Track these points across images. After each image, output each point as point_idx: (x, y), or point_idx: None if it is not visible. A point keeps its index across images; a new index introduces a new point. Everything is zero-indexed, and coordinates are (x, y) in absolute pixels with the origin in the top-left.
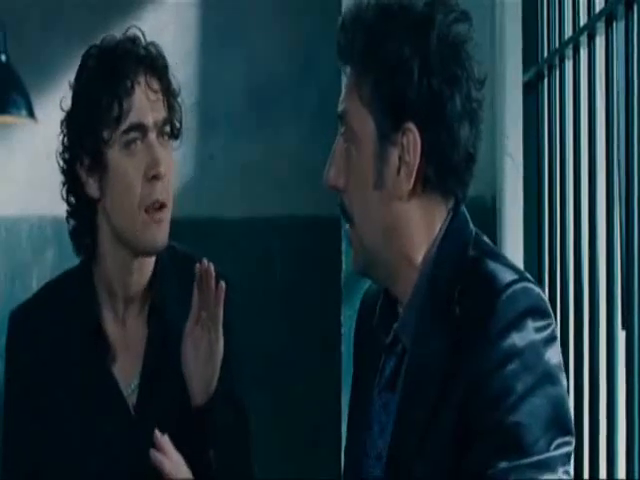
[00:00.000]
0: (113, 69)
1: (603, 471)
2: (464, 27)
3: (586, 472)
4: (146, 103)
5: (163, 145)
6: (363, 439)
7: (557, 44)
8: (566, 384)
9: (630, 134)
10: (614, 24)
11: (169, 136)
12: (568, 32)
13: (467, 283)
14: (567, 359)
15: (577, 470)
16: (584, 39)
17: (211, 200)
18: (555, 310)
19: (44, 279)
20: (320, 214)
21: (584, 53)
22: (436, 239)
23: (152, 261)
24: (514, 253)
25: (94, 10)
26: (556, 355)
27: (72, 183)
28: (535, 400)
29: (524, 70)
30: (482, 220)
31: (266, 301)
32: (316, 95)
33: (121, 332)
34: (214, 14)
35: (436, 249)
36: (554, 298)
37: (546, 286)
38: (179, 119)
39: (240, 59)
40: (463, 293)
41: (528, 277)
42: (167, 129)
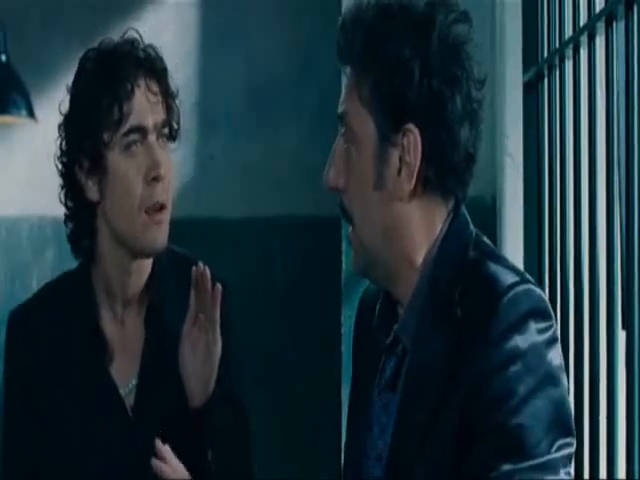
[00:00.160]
0: (112, 72)
1: (603, 471)
2: (464, 28)
3: (586, 472)
4: (146, 105)
5: (162, 147)
6: (363, 440)
7: (557, 44)
8: (567, 385)
9: (630, 134)
10: (614, 24)
11: (168, 138)
12: (568, 32)
13: (468, 285)
14: (567, 359)
15: (577, 470)
16: (584, 39)
17: (211, 200)
18: (555, 311)
19: (44, 279)
20: (320, 214)
21: (584, 53)
22: (436, 240)
23: (150, 262)
24: (514, 253)
25: (94, 10)
26: (557, 356)
27: (71, 186)
28: (537, 402)
29: (524, 70)
30: (482, 220)
31: (266, 301)
32: (316, 95)
33: (119, 332)
34: (214, 14)
35: (436, 250)
36: (554, 298)
37: (546, 286)
38: (177, 121)
39: (240, 59)
40: (464, 295)
41: (529, 279)
42: (166, 131)
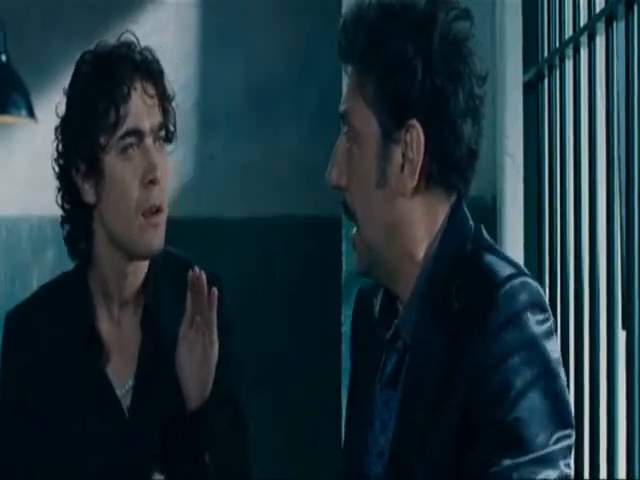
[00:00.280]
0: (109, 74)
1: (603, 471)
2: (465, 24)
3: (586, 472)
4: (142, 108)
5: (159, 150)
6: (364, 436)
7: (557, 44)
8: (565, 378)
9: (630, 134)
10: (614, 24)
11: (164, 140)
12: (568, 32)
13: (465, 277)
14: (567, 359)
15: (577, 470)
16: (584, 39)
17: (211, 200)
18: (555, 310)
19: (44, 279)
20: (320, 214)
21: (584, 53)
22: (437, 235)
23: (146, 264)
24: (514, 253)
25: (94, 10)
26: (555, 349)
27: (68, 189)
28: (535, 395)
29: (524, 70)
30: (482, 220)
31: (266, 301)
32: (316, 95)
33: (116, 333)
34: (214, 14)
35: (437, 245)
36: (554, 298)
37: (546, 286)
38: (174, 123)
39: (240, 59)
40: (461, 288)
41: (526, 272)
42: (162, 134)
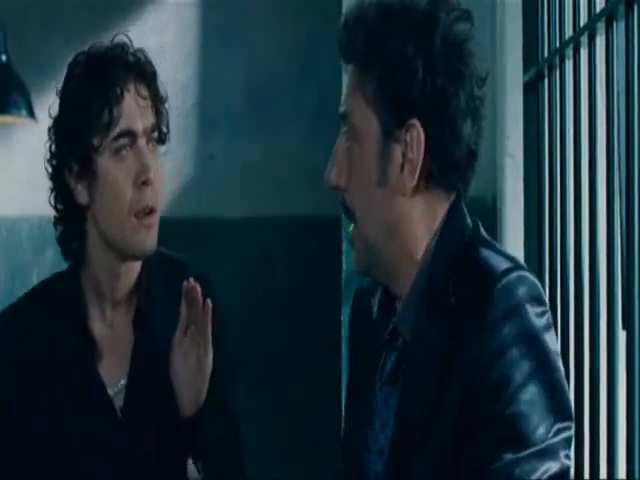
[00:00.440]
0: (102, 76)
1: (603, 471)
2: (466, 25)
3: (587, 472)
4: (136, 110)
5: (152, 151)
6: (364, 434)
7: (557, 44)
8: (564, 370)
9: (630, 134)
10: (614, 24)
11: (157, 142)
12: (568, 32)
13: (462, 273)
14: (568, 359)
15: (578, 470)
16: (584, 39)
17: (211, 200)
18: (556, 310)
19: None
20: (320, 214)
21: (584, 53)
22: (436, 233)
23: (139, 264)
24: (514, 253)
25: (94, 10)
26: (553, 342)
27: (60, 190)
28: (534, 387)
29: (524, 70)
30: (482, 220)
31: (266, 301)
32: (316, 95)
33: (108, 333)
34: (214, 14)
35: (435, 242)
36: (554, 298)
37: (547, 286)
38: (167, 125)
39: (240, 59)
40: (458, 283)
41: (523, 266)
42: (155, 135)
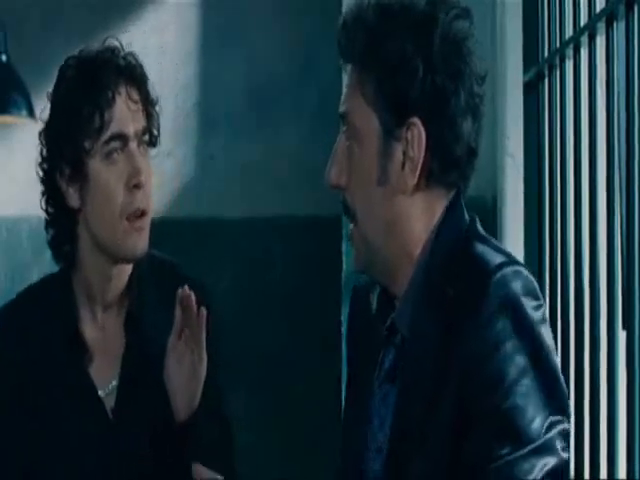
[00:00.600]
0: (93, 79)
1: (604, 471)
2: (465, 23)
3: (587, 472)
4: (127, 113)
5: (143, 154)
6: (363, 432)
7: (558, 44)
8: (559, 364)
9: (630, 134)
10: (615, 24)
11: (148, 144)
12: (569, 32)
13: (458, 267)
14: (568, 359)
15: (578, 470)
16: (585, 39)
17: (211, 200)
18: (556, 310)
19: None
20: (320, 214)
21: (585, 53)
22: (433, 231)
23: (130, 267)
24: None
25: (94, 10)
26: (548, 336)
27: (52, 193)
28: (530, 380)
29: (525, 70)
30: (483, 220)
31: (266, 301)
32: (316, 95)
33: (99, 335)
34: (214, 14)
35: (433, 239)
36: (555, 298)
37: (547, 286)
38: (157, 127)
39: (240, 59)
40: (454, 278)
41: (518, 260)
42: (146, 138)
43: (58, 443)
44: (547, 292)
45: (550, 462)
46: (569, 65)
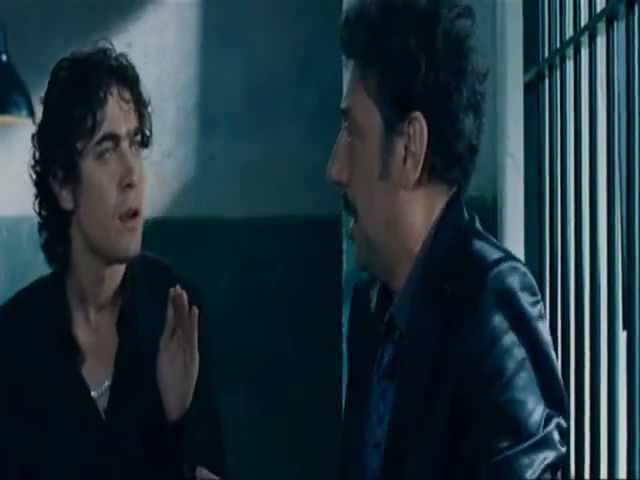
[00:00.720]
0: (85, 80)
1: (604, 471)
2: (467, 22)
3: (587, 472)
4: (119, 113)
5: (135, 154)
6: (362, 429)
7: (558, 44)
8: (556, 359)
9: (631, 134)
10: (615, 24)
11: (140, 145)
12: (569, 32)
13: (455, 263)
14: (568, 360)
15: (578, 470)
16: (585, 39)
17: (211, 200)
18: (556, 310)
19: None
20: (320, 214)
21: (585, 53)
22: (433, 228)
23: (123, 268)
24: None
25: (94, 10)
26: (546, 331)
27: (45, 196)
28: (527, 374)
29: (525, 70)
30: (483, 220)
31: (266, 301)
32: (316, 95)
33: (92, 337)
34: (215, 14)
35: (432, 235)
36: (555, 298)
37: (547, 286)
38: (149, 128)
39: (240, 59)
40: (452, 274)
41: (515, 257)
42: (138, 138)
43: (51, 443)
44: (547, 292)
45: (549, 456)
46: (569, 65)
